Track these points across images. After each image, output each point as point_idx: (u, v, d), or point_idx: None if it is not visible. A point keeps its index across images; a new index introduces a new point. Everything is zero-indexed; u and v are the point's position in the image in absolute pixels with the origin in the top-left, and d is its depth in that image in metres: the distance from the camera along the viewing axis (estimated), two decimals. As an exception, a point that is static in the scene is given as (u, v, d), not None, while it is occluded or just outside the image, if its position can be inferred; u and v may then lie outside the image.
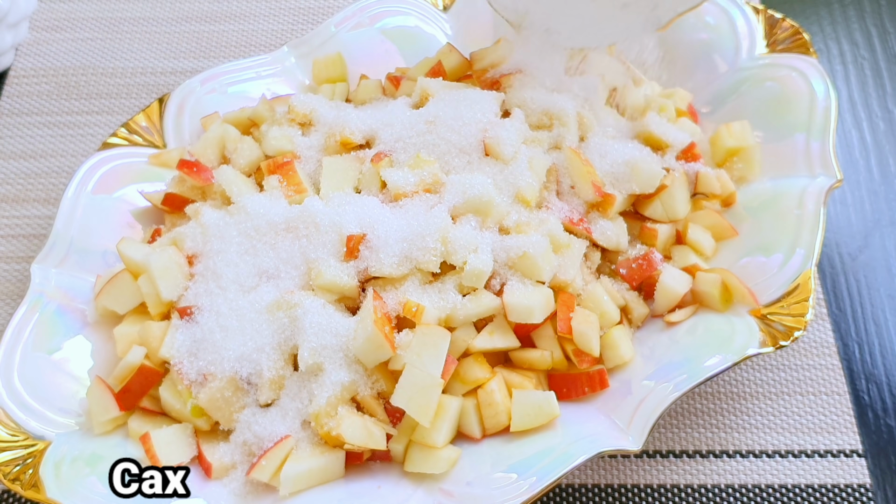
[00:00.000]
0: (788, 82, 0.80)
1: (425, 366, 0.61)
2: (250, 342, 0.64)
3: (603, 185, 0.71)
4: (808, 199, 0.72)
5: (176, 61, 0.97)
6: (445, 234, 0.66)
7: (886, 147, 0.88)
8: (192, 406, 0.64)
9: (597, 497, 0.67)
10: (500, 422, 0.64)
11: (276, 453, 0.61)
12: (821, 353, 0.74)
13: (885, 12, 1.00)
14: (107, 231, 0.76)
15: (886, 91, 0.93)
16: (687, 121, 0.80)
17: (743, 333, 0.65)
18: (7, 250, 0.83)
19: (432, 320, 0.64)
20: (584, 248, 0.69)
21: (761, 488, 0.67)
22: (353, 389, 0.63)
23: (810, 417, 0.71)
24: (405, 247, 0.66)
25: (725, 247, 0.74)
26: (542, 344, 0.67)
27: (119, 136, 0.81)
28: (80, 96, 0.94)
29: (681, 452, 0.69)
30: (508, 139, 0.70)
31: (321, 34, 0.89)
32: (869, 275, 0.79)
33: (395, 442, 0.63)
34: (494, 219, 0.68)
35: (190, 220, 0.74)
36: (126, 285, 0.70)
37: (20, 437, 0.63)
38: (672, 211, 0.73)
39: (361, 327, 0.62)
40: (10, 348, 0.67)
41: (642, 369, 0.66)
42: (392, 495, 0.61)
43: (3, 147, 0.90)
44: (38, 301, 0.70)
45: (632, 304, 0.70)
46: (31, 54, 0.98)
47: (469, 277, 0.65)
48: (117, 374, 0.67)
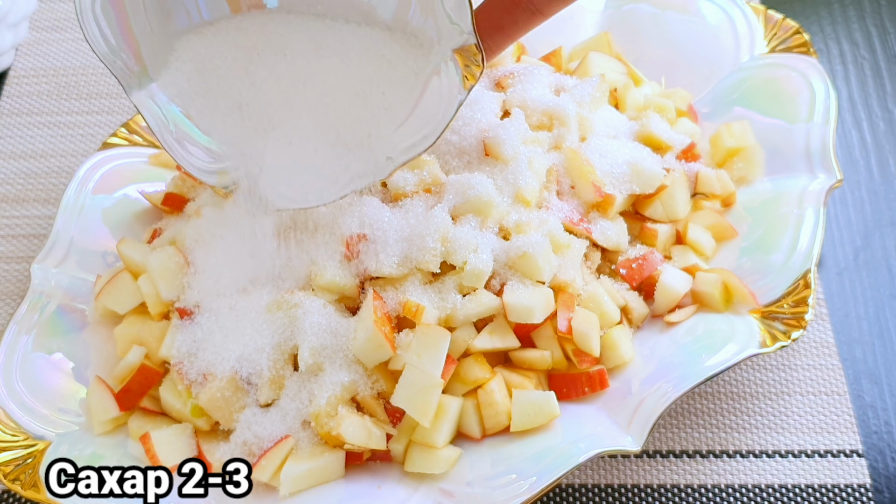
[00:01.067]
0: (788, 82, 0.80)
1: (425, 366, 0.61)
2: (250, 342, 0.64)
3: (603, 185, 0.71)
4: (808, 199, 0.72)
5: (176, 61, 0.97)
6: (445, 234, 0.66)
7: (886, 147, 0.88)
8: (192, 406, 0.64)
9: (597, 497, 0.67)
10: (500, 422, 0.64)
11: (276, 453, 0.61)
12: (821, 353, 0.74)
13: (885, 12, 1.00)
14: (107, 231, 0.76)
15: (886, 91, 0.93)
16: (687, 121, 0.80)
17: (743, 333, 0.65)
18: (7, 250, 0.83)
19: (432, 320, 0.64)
20: (584, 248, 0.69)
21: (761, 488, 0.67)
22: (353, 389, 0.63)
23: (810, 417, 0.71)
24: (405, 247, 0.66)
25: (725, 247, 0.74)
26: (542, 344, 0.67)
27: (119, 136, 0.81)
28: (80, 96, 0.94)
29: (681, 452, 0.69)
30: (508, 139, 0.70)
31: (321, 34, 0.88)
32: (869, 275, 0.79)
33: (395, 442, 0.63)
34: (494, 219, 0.68)
35: (190, 219, 0.74)
36: (126, 285, 0.70)
37: (20, 437, 0.63)
38: (672, 211, 0.73)
39: (361, 327, 0.62)
40: (10, 348, 0.67)
41: (642, 369, 0.66)
42: (392, 495, 0.61)
43: (3, 147, 0.90)
44: (38, 301, 0.70)
45: (632, 304, 0.70)
46: (31, 54, 0.98)
47: (469, 277, 0.65)
48: (117, 374, 0.67)
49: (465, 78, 0.56)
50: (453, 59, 0.56)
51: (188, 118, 0.63)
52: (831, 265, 0.80)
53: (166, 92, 0.62)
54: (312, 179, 0.63)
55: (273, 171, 0.63)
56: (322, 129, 0.62)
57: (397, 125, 0.60)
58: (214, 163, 0.64)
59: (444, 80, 0.57)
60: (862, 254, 0.80)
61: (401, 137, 0.60)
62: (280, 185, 0.63)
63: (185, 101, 0.63)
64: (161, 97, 0.62)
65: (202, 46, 0.61)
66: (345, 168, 0.62)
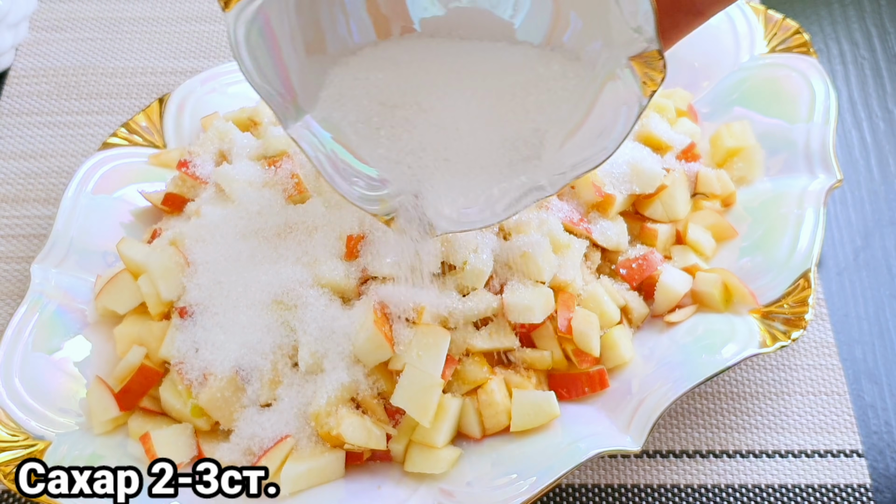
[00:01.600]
0: (788, 82, 0.80)
1: (425, 366, 0.61)
2: (250, 342, 0.64)
3: (603, 185, 0.71)
4: (808, 199, 0.72)
5: (176, 61, 0.97)
6: (445, 235, 0.66)
7: (886, 147, 0.88)
8: (192, 406, 0.64)
9: (597, 497, 0.67)
10: (500, 422, 0.64)
11: (276, 453, 0.61)
12: (821, 353, 0.74)
13: (885, 12, 1.00)
14: (107, 231, 0.76)
15: (886, 91, 0.93)
16: (687, 121, 0.80)
17: (743, 333, 0.65)
18: (7, 250, 0.83)
19: (432, 320, 0.64)
20: (584, 248, 0.69)
21: (761, 488, 0.67)
22: (353, 389, 0.63)
23: (810, 417, 0.71)
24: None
25: (725, 247, 0.74)
26: (542, 344, 0.67)
27: (119, 136, 0.81)
28: (80, 96, 0.94)
29: (681, 452, 0.69)
30: (508, 139, 0.70)
31: (321, 34, 0.88)
32: (869, 275, 0.79)
33: (395, 442, 0.64)
34: (494, 219, 0.68)
35: (190, 219, 0.74)
36: (126, 285, 0.70)
37: (20, 437, 0.63)
38: (672, 211, 0.73)
39: (361, 327, 0.62)
40: (10, 348, 0.67)
41: (642, 369, 0.66)
42: (392, 495, 0.61)
43: (3, 147, 0.90)
44: (38, 301, 0.70)
45: (632, 304, 0.70)
46: (31, 54, 0.98)
47: (469, 277, 0.65)
48: (117, 374, 0.67)
49: (643, 84, 0.53)
50: (629, 66, 0.52)
51: (345, 148, 0.61)
52: (831, 265, 0.80)
53: (321, 123, 0.60)
54: (476, 201, 0.61)
55: (436, 194, 0.61)
56: (484, 149, 0.60)
57: (564, 140, 0.58)
58: (375, 190, 0.62)
59: (621, 90, 0.54)
60: (862, 254, 0.80)
61: (570, 152, 0.58)
62: (444, 208, 0.61)
63: (340, 130, 0.61)
64: (317, 128, 0.60)
65: (352, 75, 0.59)
66: (510, 187, 0.60)
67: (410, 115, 0.60)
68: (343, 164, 0.61)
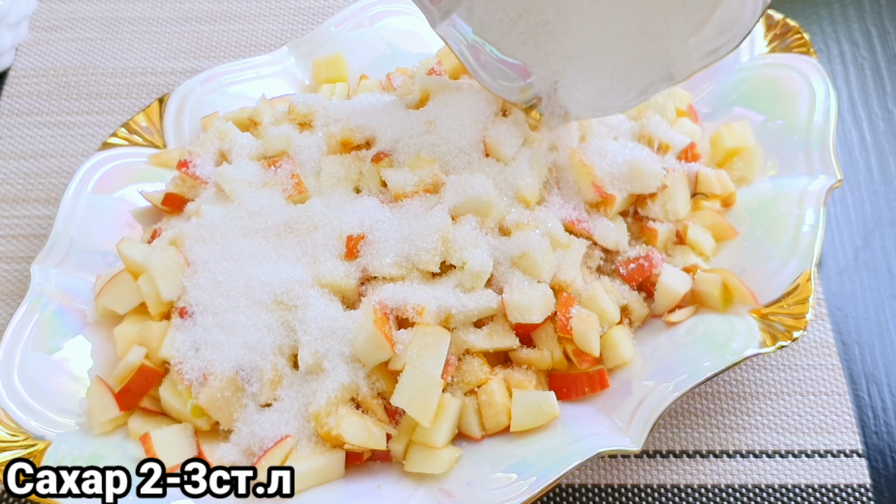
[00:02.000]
0: (788, 82, 0.80)
1: (425, 366, 0.61)
2: (250, 342, 0.64)
3: (603, 185, 0.71)
4: (808, 199, 0.72)
5: (176, 61, 0.97)
6: (445, 234, 0.66)
7: (886, 147, 0.88)
8: (192, 406, 0.64)
9: (597, 497, 0.67)
10: (500, 422, 0.64)
11: (276, 453, 0.61)
12: (821, 353, 0.74)
13: (885, 12, 1.00)
14: (107, 231, 0.76)
15: (886, 91, 0.93)
16: (687, 121, 0.80)
17: (743, 333, 0.65)
18: (7, 250, 0.83)
19: (432, 320, 0.64)
20: (584, 248, 0.69)
21: (761, 488, 0.67)
22: (353, 389, 0.63)
23: (810, 417, 0.71)
24: (405, 247, 0.66)
25: (725, 247, 0.74)
26: (542, 344, 0.67)
27: (119, 136, 0.81)
28: (80, 96, 0.94)
29: (681, 452, 0.69)
30: (508, 139, 0.70)
31: (321, 34, 0.89)
32: (869, 275, 0.79)
33: (395, 442, 0.64)
34: (494, 219, 0.68)
35: (190, 219, 0.74)
36: (126, 285, 0.70)
37: (20, 437, 0.63)
38: (672, 211, 0.73)
39: (361, 327, 0.62)
40: (10, 348, 0.67)
41: (642, 369, 0.66)
42: (392, 495, 0.61)
43: (3, 147, 0.90)
44: (38, 301, 0.70)
45: (632, 304, 0.70)
46: (31, 54, 0.98)
47: (469, 277, 0.65)
48: (117, 374, 0.67)
49: None
50: None
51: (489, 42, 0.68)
52: (831, 265, 0.80)
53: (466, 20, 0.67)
54: (610, 88, 0.67)
55: (572, 82, 0.67)
56: (619, 37, 0.64)
57: (693, 31, 0.62)
58: (516, 81, 0.69)
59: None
60: (862, 254, 0.80)
61: (698, 43, 0.63)
62: (581, 95, 0.67)
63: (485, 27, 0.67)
64: (461, 24, 0.67)
65: None
66: (641, 75, 0.65)
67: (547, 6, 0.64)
68: (486, 56, 0.68)
